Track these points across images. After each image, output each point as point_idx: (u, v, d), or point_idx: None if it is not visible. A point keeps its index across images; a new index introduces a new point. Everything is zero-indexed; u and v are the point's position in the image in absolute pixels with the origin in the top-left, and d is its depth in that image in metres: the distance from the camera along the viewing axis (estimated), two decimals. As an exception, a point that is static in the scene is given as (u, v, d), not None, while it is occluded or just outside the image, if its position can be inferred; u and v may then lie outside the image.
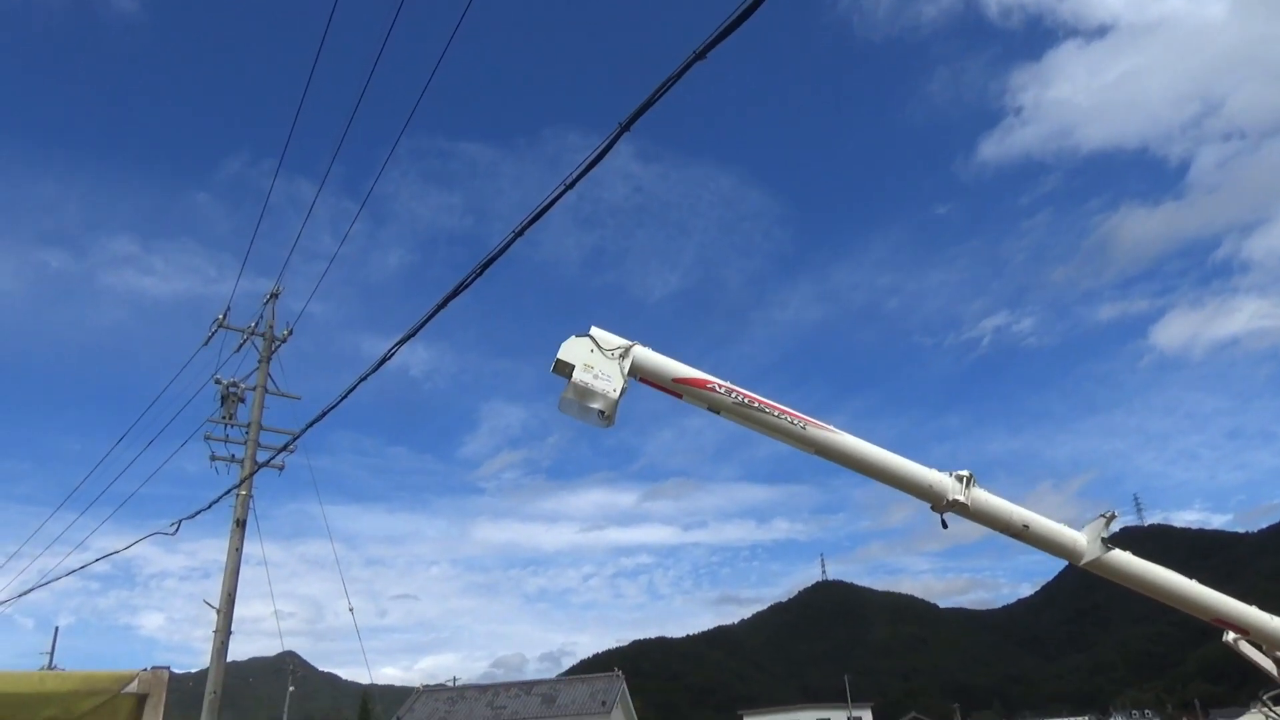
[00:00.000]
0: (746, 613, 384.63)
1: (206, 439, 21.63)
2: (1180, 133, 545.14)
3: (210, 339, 23.19)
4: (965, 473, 5.95)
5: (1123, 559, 5.77)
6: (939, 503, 5.89)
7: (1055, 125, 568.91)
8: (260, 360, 22.77)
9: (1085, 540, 5.83)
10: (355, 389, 12.01)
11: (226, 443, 21.84)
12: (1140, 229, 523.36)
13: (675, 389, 6.11)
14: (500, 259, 8.38)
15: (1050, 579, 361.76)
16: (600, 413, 5.88)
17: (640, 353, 6.05)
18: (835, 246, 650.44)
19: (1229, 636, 6.22)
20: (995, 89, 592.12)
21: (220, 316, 22.97)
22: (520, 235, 8.17)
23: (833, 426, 6.07)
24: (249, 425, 21.83)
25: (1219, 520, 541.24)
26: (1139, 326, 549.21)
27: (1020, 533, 5.89)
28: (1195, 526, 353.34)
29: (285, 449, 20.35)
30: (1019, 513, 5.88)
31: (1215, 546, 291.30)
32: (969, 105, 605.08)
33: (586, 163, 7.21)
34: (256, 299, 23.79)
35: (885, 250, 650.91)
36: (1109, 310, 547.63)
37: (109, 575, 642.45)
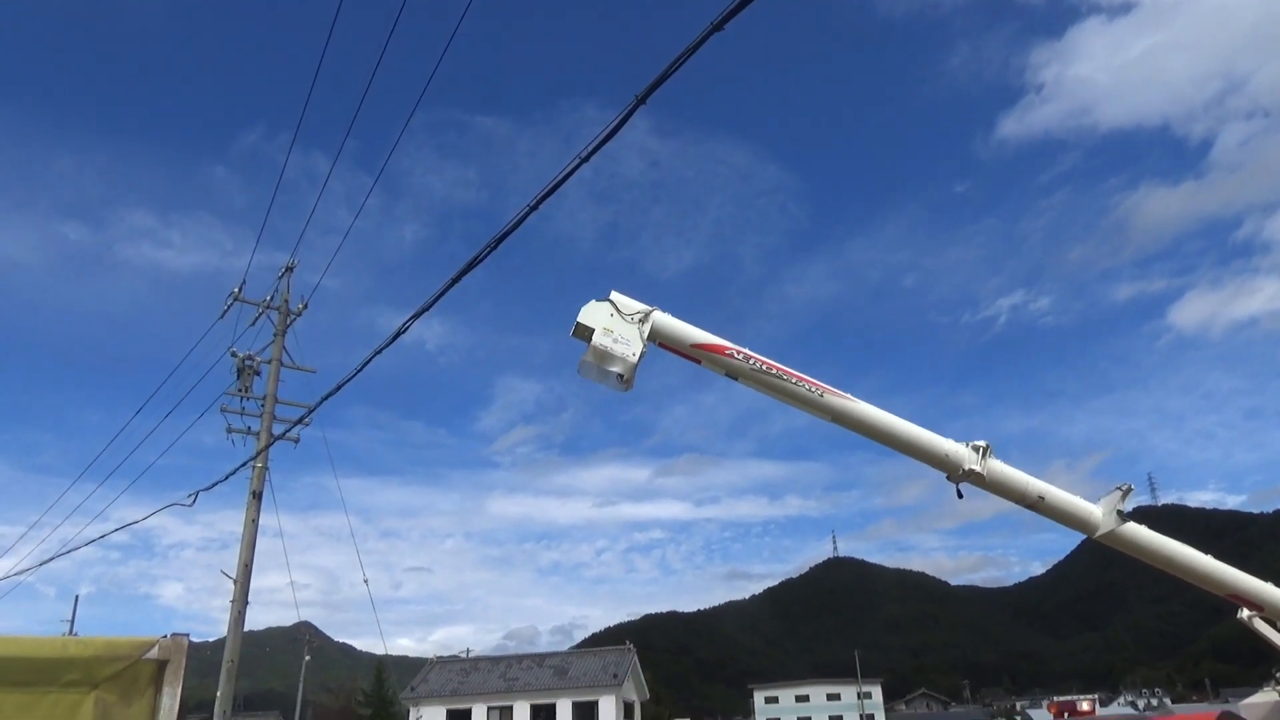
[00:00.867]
0: (757, 588, 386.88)
1: (223, 411, 21.79)
2: (1202, 111, 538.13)
3: (226, 312, 23.29)
4: (982, 443, 5.95)
5: (1138, 532, 5.73)
6: (955, 472, 5.91)
7: (1075, 103, 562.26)
8: (276, 333, 22.85)
9: (1101, 513, 5.78)
10: (370, 362, 12.05)
11: (243, 415, 21.99)
12: (1160, 208, 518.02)
13: (693, 354, 6.17)
14: (515, 234, 8.37)
15: (1062, 558, 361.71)
16: (619, 376, 5.89)
17: (660, 318, 6.10)
18: (852, 223, 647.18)
19: (1243, 614, 6.19)
20: (1016, 66, 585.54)
21: (236, 290, 23.05)
22: (535, 209, 8.14)
23: (850, 395, 6.09)
24: (264, 398, 21.96)
25: (1233, 501, 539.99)
26: (1157, 306, 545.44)
27: (1035, 504, 5.87)
28: (1210, 507, 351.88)
29: (300, 422, 20.48)
30: (1035, 484, 5.86)
31: (1229, 527, 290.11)
32: (989, 82, 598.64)
33: (601, 136, 7.16)
34: (273, 272, 23.92)
35: (902, 227, 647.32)
36: (1127, 290, 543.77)
37: (128, 545, 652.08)
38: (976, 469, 5.82)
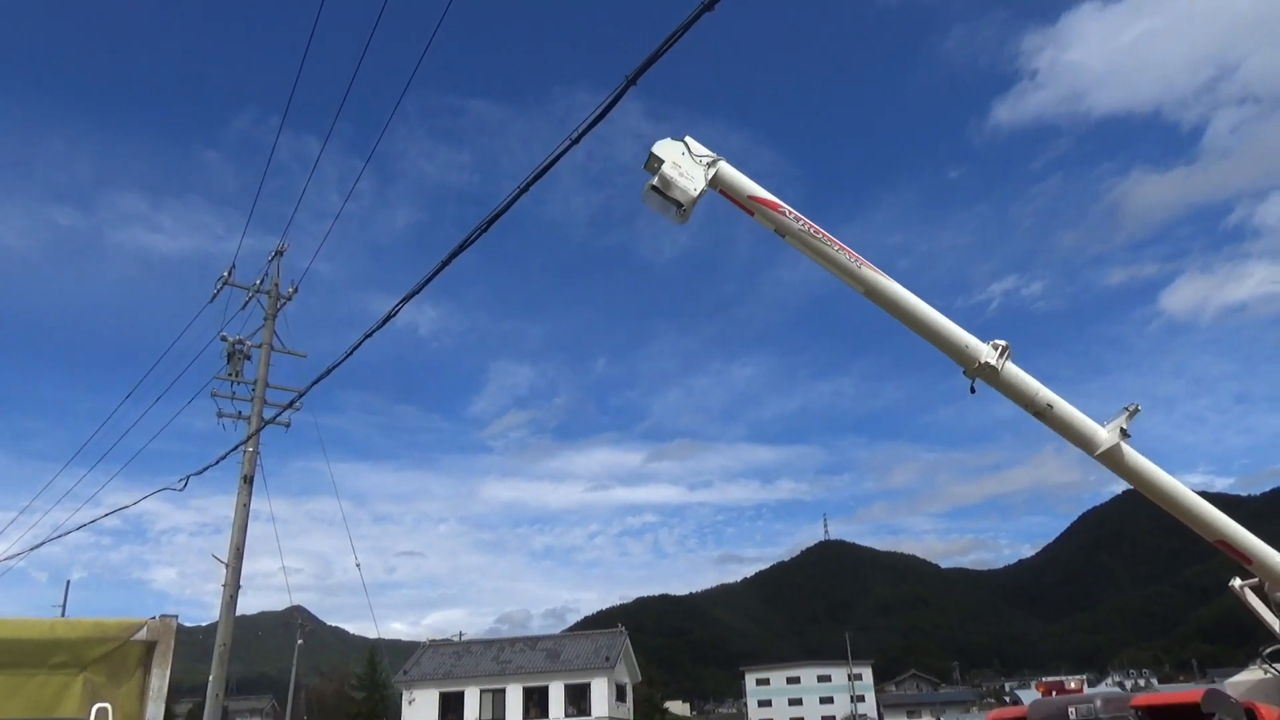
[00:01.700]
0: (749, 571, 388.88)
1: (213, 396, 21.72)
2: (1194, 97, 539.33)
3: (216, 296, 23.16)
4: (1002, 343, 6.32)
5: (1135, 455, 5.91)
6: (971, 365, 6.29)
7: (1069, 89, 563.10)
8: (266, 317, 22.75)
9: (1105, 431, 5.99)
10: (360, 346, 12.03)
11: (233, 399, 21.92)
12: (1151, 194, 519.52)
13: (748, 205, 6.87)
14: (507, 218, 8.34)
15: (1052, 540, 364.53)
16: (679, 206, 6.45)
17: (725, 167, 6.57)
18: (846, 207, 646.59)
19: (1235, 582, 6.29)
20: (1010, 51, 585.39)
21: (226, 273, 22.92)
22: (525, 191, 8.10)
23: (883, 272, 6.63)
24: (255, 382, 21.90)
25: (1222, 484, 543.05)
26: (1149, 291, 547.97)
27: (1043, 411, 6.15)
28: (1199, 489, 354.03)
29: (290, 406, 20.45)
30: (1045, 392, 6.14)
31: (1218, 509, 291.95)
32: (983, 68, 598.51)
33: (592, 117, 7.13)
34: (264, 256, 23.73)
35: (896, 212, 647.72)
36: (1119, 275, 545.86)
37: (120, 530, 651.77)
38: (993, 363, 6.15)
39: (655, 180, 6.49)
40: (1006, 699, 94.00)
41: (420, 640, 69.37)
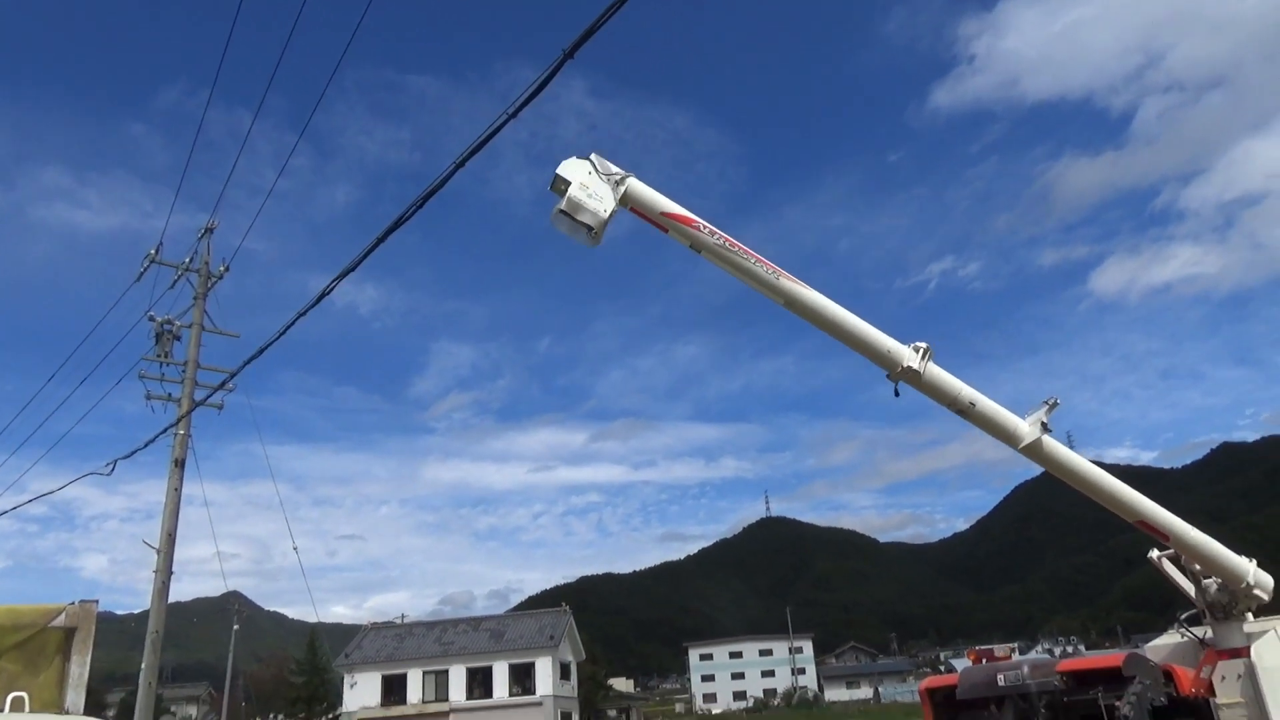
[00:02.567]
0: (693, 549, 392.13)
1: (141, 377, 21.05)
2: (1123, 84, 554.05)
3: (143, 275, 22.41)
4: (923, 345, 6.23)
5: (1058, 446, 6.01)
6: (894, 369, 6.20)
7: (1004, 74, 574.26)
8: (196, 297, 22.10)
9: (1026, 425, 6.04)
10: (294, 324, 11.74)
11: (163, 381, 21.28)
12: (1082, 178, 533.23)
13: (662, 222, 6.58)
14: (450, 197, 8.20)
15: (985, 514, 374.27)
16: (589, 229, 6.07)
17: (635, 184, 6.29)
18: (788, 187, 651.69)
19: (1153, 554, 6.48)
20: (948, 36, 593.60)
21: (153, 251, 22.17)
22: (462, 166, 7.96)
23: (803, 282, 6.45)
24: (185, 364, 21.30)
25: (1147, 457, 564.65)
26: (1079, 272, 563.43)
27: (966, 409, 6.13)
28: (1124, 463, 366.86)
29: (222, 387, 19.94)
30: (967, 391, 6.12)
31: (1141, 482, 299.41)
32: (923, 53, 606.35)
33: (530, 90, 7.01)
34: (195, 234, 23.00)
35: (838, 193, 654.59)
36: (1051, 256, 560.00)
37: (47, 518, 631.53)
38: (915, 367, 6.09)
39: (563, 204, 6.18)
40: (941, 668, 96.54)
41: (362, 624, 68.69)
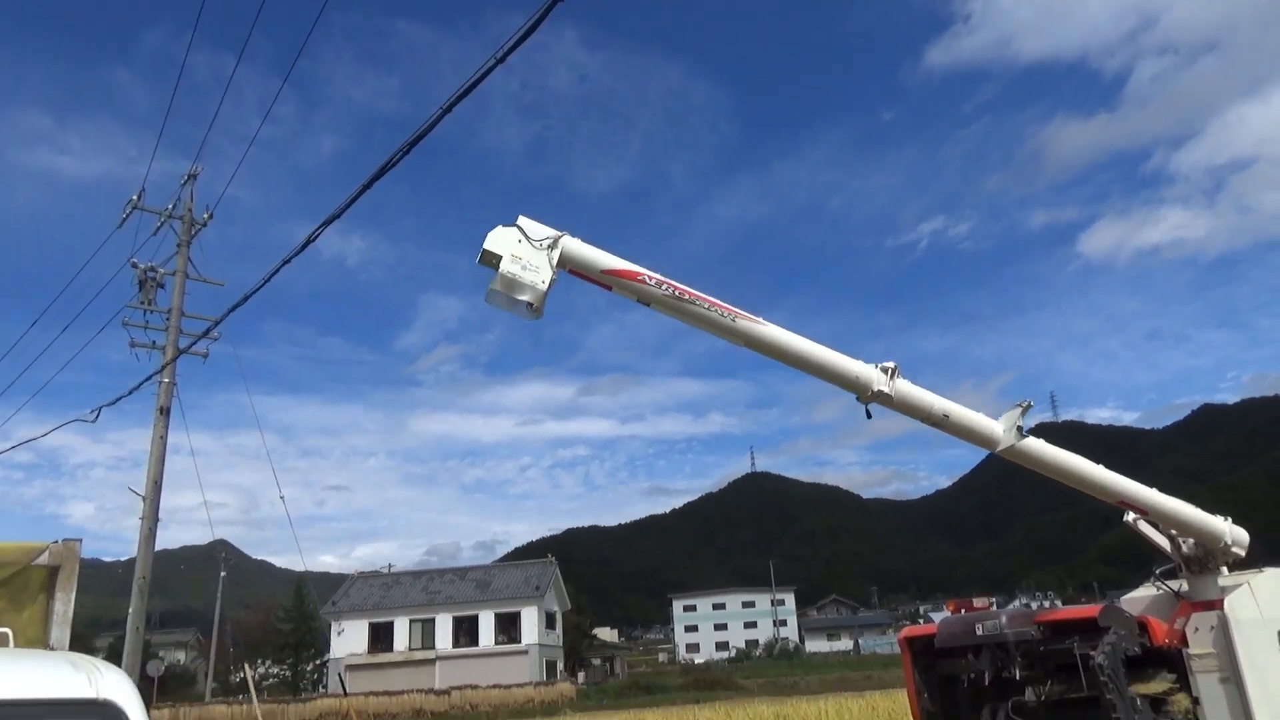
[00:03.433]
0: (678, 503, 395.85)
1: (125, 325, 20.94)
2: (1117, 46, 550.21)
3: (125, 221, 22.16)
4: (890, 365, 5.97)
5: (1036, 446, 5.96)
6: (864, 394, 5.91)
7: (999, 33, 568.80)
8: (179, 244, 21.90)
9: (1001, 429, 5.95)
10: (278, 272, 11.65)
11: (147, 329, 21.16)
12: (1074, 139, 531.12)
13: (605, 280, 5.86)
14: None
15: (967, 471, 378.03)
16: (529, 305, 5.59)
17: (569, 243, 5.72)
18: (781, 142, 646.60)
19: (1129, 517, 6.54)
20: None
21: (135, 197, 21.91)
22: (449, 111, 7.85)
23: (762, 319, 6.00)
24: (169, 311, 21.16)
25: (1129, 418, 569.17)
26: (1068, 233, 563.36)
27: (940, 422, 5.98)
28: (1106, 423, 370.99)
29: (206, 335, 19.84)
30: (940, 403, 5.96)
31: (1123, 442, 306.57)
32: (919, 10, 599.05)
33: (520, 34, 6.90)
34: (179, 181, 22.71)
35: (830, 150, 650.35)
36: (1041, 217, 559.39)
37: (32, 465, 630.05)
38: (885, 390, 5.84)
39: (496, 283, 5.61)
40: (920, 620, 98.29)
41: (349, 573, 69.24)
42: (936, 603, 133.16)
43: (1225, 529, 6.16)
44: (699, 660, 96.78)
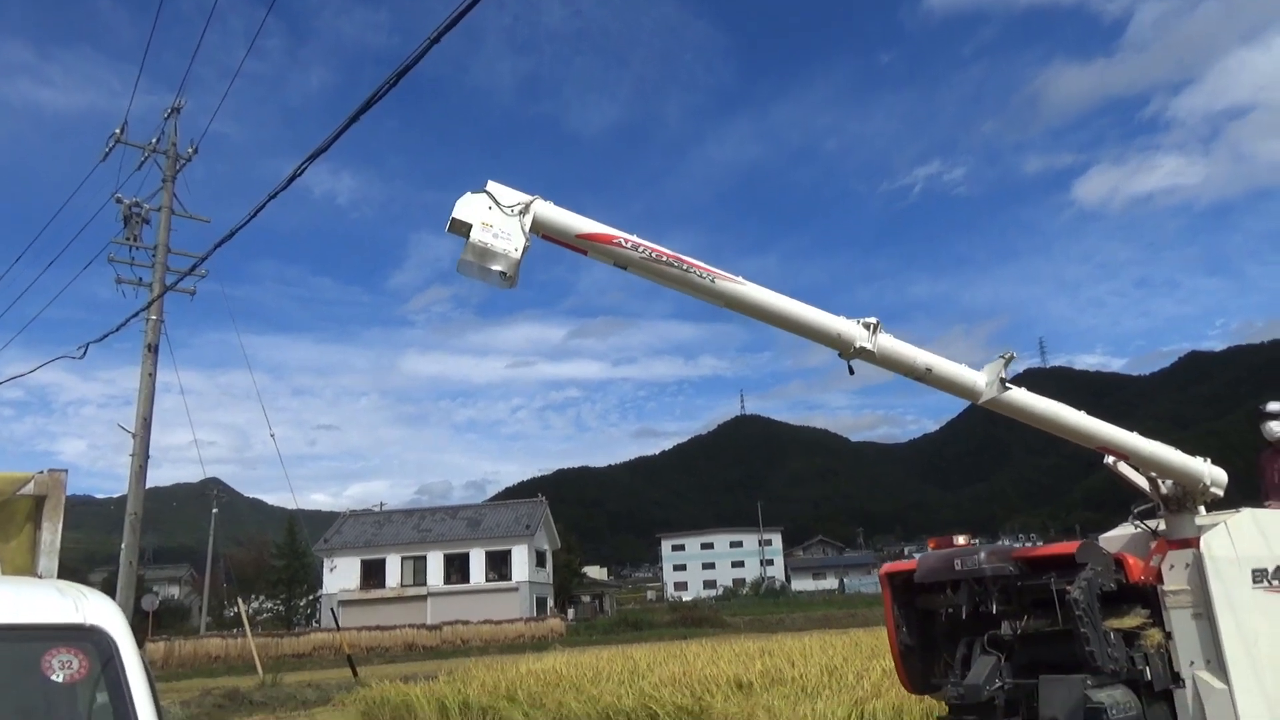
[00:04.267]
0: (668, 445, 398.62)
1: (111, 261, 20.74)
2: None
3: (108, 155, 21.80)
4: (872, 320, 5.87)
5: (1018, 396, 5.94)
6: (847, 350, 5.81)
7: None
8: (164, 179, 21.59)
9: (984, 381, 5.93)
10: (264, 208, 11.52)
11: (133, 265, 20.97)
12: (1071, 84, 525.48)
13: (579, 245, 5.58)
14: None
15: (954, 415, 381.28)
16: (502, 274, 5.32)
17: (542, 208, 5.39)
18: (777, 83, 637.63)
19: (1109, 460, 6.60)
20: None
21: (118, 131, 21.52)
22: (437, 42, 7.68)
23: (742, 279, 5.84)
24: (155, 248, 20.95)
25: (1117, 364, 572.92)
26: (1063, 180, 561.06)
27: (923, 375, 5.94)
28: (1094, 369, 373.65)
29: (192, 271, 19.68)
30: (923, 356, 5.91)
31: (1111, 387, 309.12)
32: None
33: (507, -37, 6.73)
34: (163, 115, 22.28)
35: (827, 91, 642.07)
36: (1036, 163, 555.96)
37: (22, 402, 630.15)
38: (868, 346, 5.76)
39: (467, 252, 5.32)
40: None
41: (341, 511, 69.83)
42: (921, 544, 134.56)
43: (1204, 470, 6.20)
44: (686, 598, 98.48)
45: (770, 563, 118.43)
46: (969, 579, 5.99)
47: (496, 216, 5.36)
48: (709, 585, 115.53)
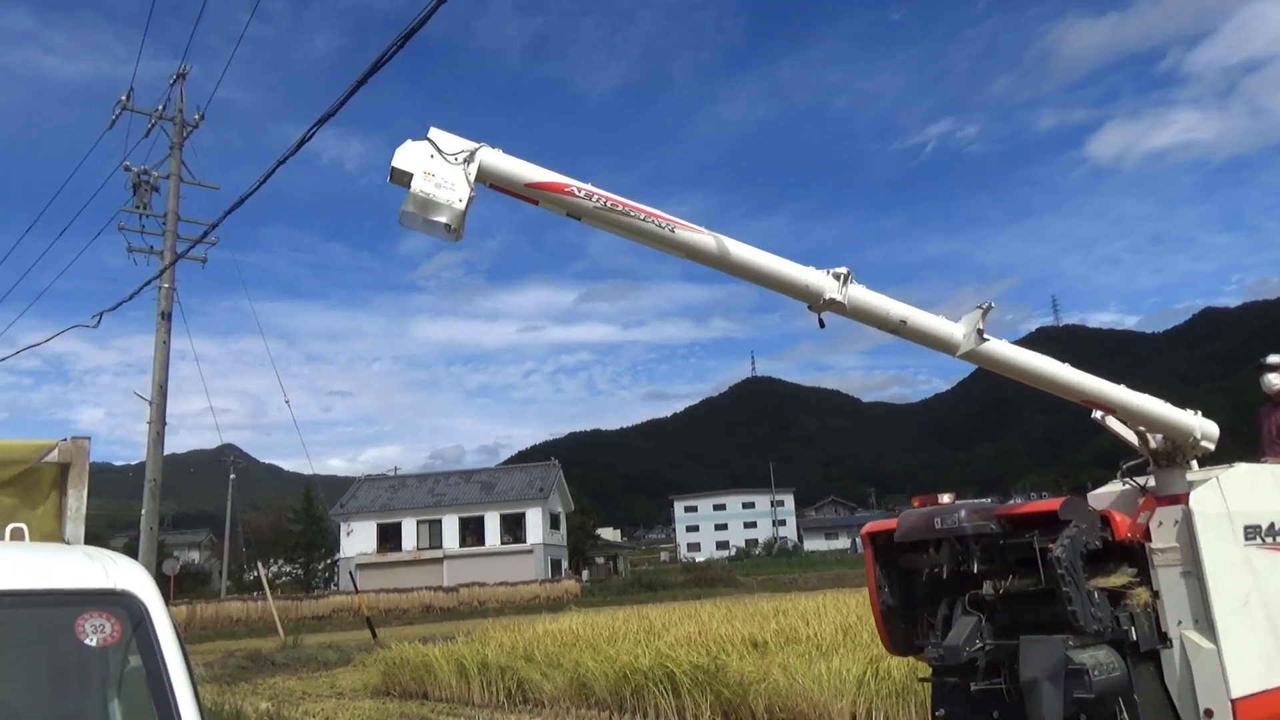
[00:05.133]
0: (679, 407, 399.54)
1: (121, 229, 20.78)
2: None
3: (114, 123, 21.74)
4: (843, 270, 5.53)
5: (996, 348, 5.67)
6: (816, 303, 5.48)
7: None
8: (172, 146, 21.53)
9: (961, 333, 5.66)
10: (273, 174, 11.48)
11: (143, 233, 21.00)
12: (1084, 39, 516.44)
13: (530, 195, 5.21)
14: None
15: (966, 375, 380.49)
16: (446, 226, 4.94)
17: (488, 156, 4.94)
18: (786, 41, 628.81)
19: (1096, 414, 6.40)
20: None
21: (124, 98, 21.42)
22: (444, 2, 7.58)
23: (703, 228, 5.54)
24: (165, 215, 20.94)
25: (1130, 321, 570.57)
26: (1076, 136, 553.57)
27: (898, 328, 5.62)
28: (1108, 327, 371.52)
29: (203, 239, 19.70)
30: (897, 308, 5.60)
31: (1123, 345, 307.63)
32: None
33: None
34: (169, 81, 22.14)
35: (837, 48, 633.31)
36: (1049, 120, 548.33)
37: (40, 371, 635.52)
38: (837, 297, 5.43)
39: (408, 204, 4.95)
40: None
41: (356, 476, 70.43)
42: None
43: (1195, 423, 5.99)
44: (700, 559, 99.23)
45: (783, 523, 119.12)
46: (950, 538, 5.86)
47: (439, 165, 5.00)
48: (722, 546, 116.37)
